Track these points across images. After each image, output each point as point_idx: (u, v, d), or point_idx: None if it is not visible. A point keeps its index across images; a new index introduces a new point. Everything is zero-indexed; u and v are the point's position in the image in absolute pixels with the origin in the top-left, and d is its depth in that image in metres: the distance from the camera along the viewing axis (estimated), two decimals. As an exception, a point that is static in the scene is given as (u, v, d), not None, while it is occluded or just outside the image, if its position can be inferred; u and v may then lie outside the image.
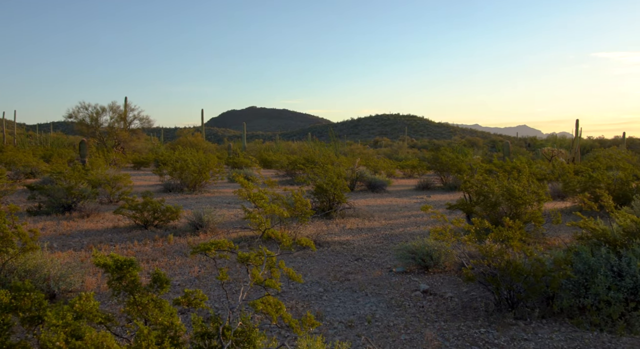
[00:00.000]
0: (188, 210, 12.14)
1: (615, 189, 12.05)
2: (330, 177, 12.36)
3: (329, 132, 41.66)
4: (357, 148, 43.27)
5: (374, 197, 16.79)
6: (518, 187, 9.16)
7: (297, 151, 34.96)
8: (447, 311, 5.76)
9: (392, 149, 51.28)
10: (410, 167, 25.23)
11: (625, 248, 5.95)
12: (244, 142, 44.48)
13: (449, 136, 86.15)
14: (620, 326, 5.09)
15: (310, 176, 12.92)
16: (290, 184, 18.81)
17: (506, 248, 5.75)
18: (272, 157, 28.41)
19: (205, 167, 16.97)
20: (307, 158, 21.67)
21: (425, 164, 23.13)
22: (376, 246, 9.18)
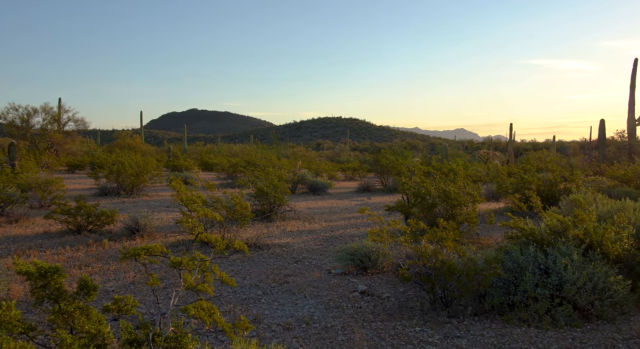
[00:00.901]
0: (125, 214, 11.83)
1: (544, 190, 12.57)
2: (271, 180, 12.33)
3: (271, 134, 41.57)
4: (299, 151, 43.36)
5: (315, 199, 16.85)
6: (453, 189, 9.42)
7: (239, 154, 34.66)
8: (383, 311, 5.85)
9: (334, 152, 51.65)
10: (352, 170, 25.48)
11: (551, 247, 6.22)
12: (185, 145, 43.77)
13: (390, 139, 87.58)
14: (546, 321, 5.32)
15: (250, 178, 12.86)
16: (232, 187, 18.63)
17: (441, 248, 5.90)
18: (213, 160, 28.07)
19: (143, 171, 16.58)
20: (248, 161, 21.54)
21: (366, 167, 23.43)
22: (316, 248, 9.22)
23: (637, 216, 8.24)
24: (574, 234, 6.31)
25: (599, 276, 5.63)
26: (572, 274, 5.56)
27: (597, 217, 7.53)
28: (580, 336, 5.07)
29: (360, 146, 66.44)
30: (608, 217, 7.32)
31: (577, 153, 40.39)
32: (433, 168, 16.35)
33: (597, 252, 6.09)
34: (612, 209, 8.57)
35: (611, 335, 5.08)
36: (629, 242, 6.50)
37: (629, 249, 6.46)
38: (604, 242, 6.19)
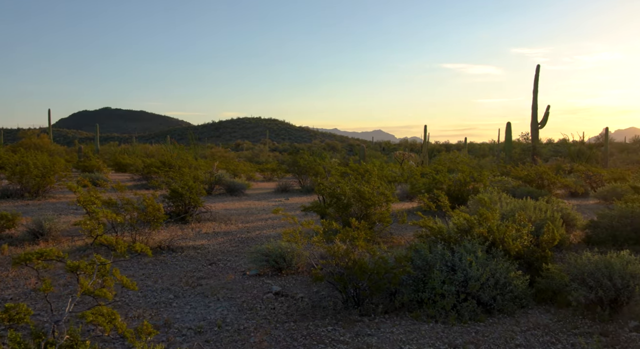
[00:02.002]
0: (28, 217, 11.18)
1: (454, 190, 13.08)
2: (186, 181, 12.07)
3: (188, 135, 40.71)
4: (218, 151, 42.75)
5: (232, 200, 16.67)
6: (368, 189, 9.60)
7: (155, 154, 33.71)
8: (297, 312, 5.87)
9: (254, 153, 51.36)
10: (270, 171, 25.43)
11: (458, 244, 6.48)
12: (97, 145, 42.03)
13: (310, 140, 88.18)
14: (452, 316, 5.52)
15: (165, 179, 12.52)
16: (146, 188, 18.06)
17: (353, 248, 5.99)
18: (127, 160, 27.09)
19: (49, 171, 15.73)
20: (163, 161, 20.98)
21: (284, 168, 23.46)
22: (231, 250, 9.12)
23: (537, 214, 8.76)
24: (479, 232, 6.60)
25: (501, 272, 5.93)
26: (477, 271, 5.81)
27: (500, 216, 7.93)
28: (482, 330, 5.30)
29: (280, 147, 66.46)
30: (511, 216, 7.72)
31: (487, 154, 42.41)
32: (350, 169, 16.62)
33: (500, 249, 6.41)
34: (514, 208, 9.05)
35: (510, 328, 5.35)
36: (529, 239, 6.89)
37: (528, 245, 6.85)
38: (505, 239, 6.53)
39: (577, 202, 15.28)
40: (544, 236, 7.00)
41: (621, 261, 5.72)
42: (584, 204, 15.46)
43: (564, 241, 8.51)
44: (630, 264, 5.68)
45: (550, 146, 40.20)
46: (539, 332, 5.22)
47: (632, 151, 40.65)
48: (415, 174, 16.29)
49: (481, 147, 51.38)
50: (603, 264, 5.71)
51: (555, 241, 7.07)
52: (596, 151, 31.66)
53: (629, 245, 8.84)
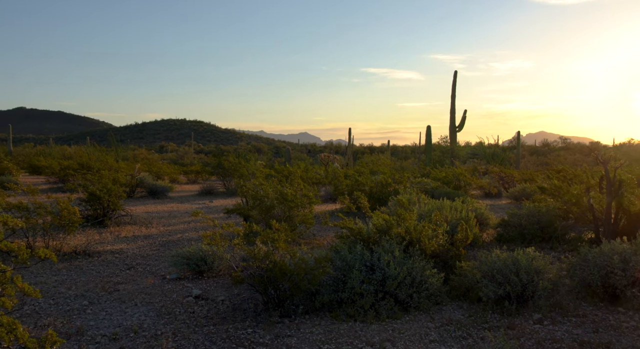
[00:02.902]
0: None
1: (376, 192, 13.37)
2: (105, 183, 11.67)
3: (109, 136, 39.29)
4: (141, 153, 41.54)
5: (154, 203, 16.26)
6: (291, 191, 9.65)
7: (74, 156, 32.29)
8: (217, 315, 5.82)
9: (178, 155, 50.22)
10: (195, 173, 24.98)
11: (377, 244, 6.64)
12: (10, 147, 39.75)
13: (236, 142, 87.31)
14: (370, 315, 5.65)
15: (82, 182, 12.04)
16: (62, 191, 17.29)
17: (273, 250, 6.01)
18: (42, 162, 25.79)
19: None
20: (82, 164, 20.15)
21: (209, 170, 23.12)
22: (151, 254, 8.91)
23: (453, 214, 9.10)
24: (397, 232, 6.79)
25: (417, 271, 6.13)
26: (394, 270, 5.98)
27: (418, 216, 8.19)
28: (399, 327, 5.46)
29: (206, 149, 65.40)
30: (428, 216, 7.99)
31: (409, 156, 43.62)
32: (275, 171, 16.62)
33: (417, 249, 6.62)
34: (432, 208, 9.37)
35: (425, 324, 5.55)
36: (444, 239, 7.16)
37: (443, 244, 7.11)
38: (422, 239, 6.75)
39: (491, 202, 16.02)
40: (458, 235, 7.30)
41: (527, 258, 6.06)
42: (497, 204, 16.22)
43: (478, 239, 8.88)
44: (535, 260, 6.03)
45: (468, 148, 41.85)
46: (452, 327, 5.44)
47: (541, 153, 43.09)
48: (339, 176, 16.50)
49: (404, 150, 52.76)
50: (511, 261, 6.03)
51: (469, 240, 7.40)
52: (509, 153, 33.30)
53: (536, 242, 9.39)
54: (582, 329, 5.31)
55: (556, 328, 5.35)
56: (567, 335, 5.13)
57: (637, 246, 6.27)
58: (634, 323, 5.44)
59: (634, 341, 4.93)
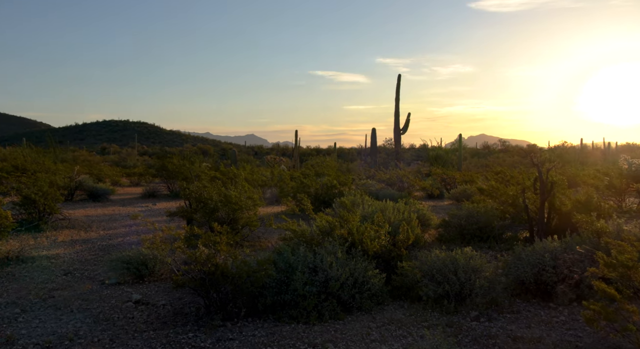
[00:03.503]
0: None
1: (322, 193, 13.45)
2: (41, 186, 11.26)
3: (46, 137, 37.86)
4: (81, 155, 40.21)
5: (95, 206, 15.80)
6: (235, 194, 9.58)
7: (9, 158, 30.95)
8: (157, 320, 5.72)
9: (121, 156, 48.90)
10: (138, 175, 24.44)
11: (320, 246, 6.68)
12: None
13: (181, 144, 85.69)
14: (313, 316, 5.68)
15: (15, 185, 11.57)
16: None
17: (215, 253, 5.95)
18: (-28, 165, 24.62)
19: None
20: (16, 166, 19.35)
21: (152, 172, 22.66)
22: (90, 258, 8.65)
23: (396, 215, 9.26)
24: (340, 234, 6.86)
25: (359, 271, 6.21)
26: (337, 271, 6.03)
27: (361, 218, 8.29)
28: (341, 328, 5.52)
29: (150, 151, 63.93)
30: (370, 217, 8.10)
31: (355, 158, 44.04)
32: (220, 173, 16.46)
33: (359, 249, 6.71)
34: (375, 209, 9.50)
35: (367, 324, 5.62)
36: (386, 239, 7.28)
37: (386, 245, 7.23)
38: (364, 240, 6.84)
39: (433, 203, 16.38)
40: (400, 236, 7.44)
41: (465, 257, 6.24)
42: (439, 205, 16.59)
43: (420, 240, 9.07)
44: (472, 259, 6.21)
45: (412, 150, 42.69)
46: (393, 327, 5.53)
47: (482, 155, 44.42)
48: (285, 178, 16.51)
49: (350, 152, 53.17)
50: (449, 261, 6.19)
51: (410, 240, 7.55)
52: (452, 155, 34.14)
53: (475, 242, 9.67)
54: (516, 325, 5.51)
55: (492, 324, 5.53)
56: (502, 331, 5.31)
57: (566, 244, 6.56)
58: (563, 317, 5.69)
59: (562, 335, 5.16)
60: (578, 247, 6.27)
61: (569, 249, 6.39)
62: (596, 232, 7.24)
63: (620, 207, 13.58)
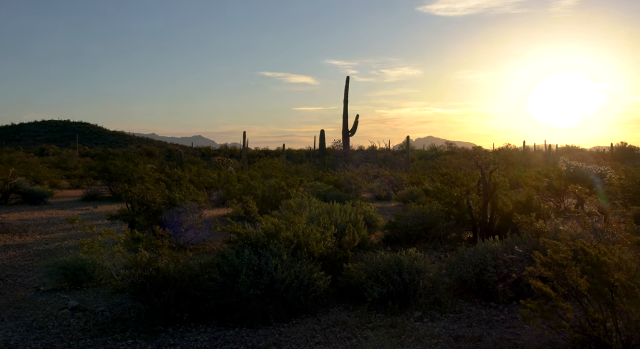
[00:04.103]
0: None
1: (269, 195, 13.35)
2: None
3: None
4: (18, 156, 38.70)
5: (31, 210, 15.17)
6: (179, 196, 9.38)
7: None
8: (95, 327, 5.51)
9: (61, 158, 47.25)
10: (78, 177, 23.65)
11: (265, 248, 6.60)
12: None
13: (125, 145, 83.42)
14: (258, 319, 5.61)
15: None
16: None
17: (157, 256, 5.79)
18: None
19: None
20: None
21: (94, 174, 21.98)
22: (24, 264, 8.28)
23: (342, 216, 9.28)
24: (285, 236, 6.80)
25: (305, 274, 6.15)
26: (282, 274, 5.96)
27: (308, 220, 8.26)
28: (286, 331, 5.46)
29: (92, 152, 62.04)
30: (317, 219, 8.08)
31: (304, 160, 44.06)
32: (165, 175, 16.12)
33: (305, 252, 6.67)
34: (322, 211, 9.49)
35: (312, 327, 5.59)
36: (332, 241, 7.26)
37: (331, 247, 7.21)
38: (310, 242, 6.81)
39: (381, 205, 16.54)
40: (346, 238, 7.44)
41: (409, 258, 6.30)
42: (386, 206, 16.77)
43: (366, 241, 9.13)
44: (416, 260, 6.28)
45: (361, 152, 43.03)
46: (338, 329, 5.51)
47: (429, 157, 45.26)
48: (232, 180, 16.31)
49: (299, 154, 53.21)
50: (394, 262, 6.24)
51: (356, 242, 7.56)
52: (400, 157, 34.63)
53: (420, 243, 9.80)
54: (458, 324, 5.59)
55: (435, 324, 5.59)
56: (444, 331, 5.38)
57: (507, 244, 6.72)
58: (503, 316, 5.82)
59: (502, 333, 5.27)
60: (517, 247, 6.44)
61: (509, 249, 6.55)
62: (535, 233, 7.45)
63: (559, 208, 14.08)
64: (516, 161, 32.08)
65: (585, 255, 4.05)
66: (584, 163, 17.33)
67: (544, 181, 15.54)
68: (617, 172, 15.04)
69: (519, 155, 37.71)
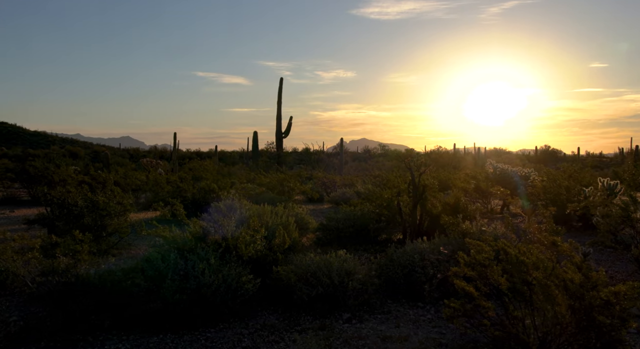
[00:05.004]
0: None
1: (199, 198, 13.08)
2: None
3: None
4: None
5: (-58, 214, 14.18)
6: (103, 199, 9.01)
7: None
8: (6, 338, 5.17)
9: (-23, 159, 44.64)
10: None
11: (192, 252, 6.42)
12: None
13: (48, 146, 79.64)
14: (184, 325, 5.45)
15: None
16: None
17: (77, 262, 5.53)
18: None
19: None
20: None
21: (11, 176, 20.84)
22: None
23: (274, 219, 9.19)
24: (213, 239, 6.65)
25: (233, 277, 6.03)
26: (209, 278, 5.82)
27: (238, 222, 8.11)
28: (213, 336, 5.33)
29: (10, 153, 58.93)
30: (247, 222, 7.95)
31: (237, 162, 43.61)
32: (89, 177, 15.49)
33: (233, 255, 6.54)
34: (253, 213, 9.36)
35: (239, 331, 5.48)
36: (262, 244, 7.16)
37: (261, 249, 7.11)
38: (238, 245, 6.68)
39: (313, 207, 16.54)
40: (276, 240, 7.36)
41: (339, 260, 6.30)
42: (319, 208, 16.79)
43: (297, 243, 9.06)
44: (346, 262, 6.28)
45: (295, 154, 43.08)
46: (266, 332, 5.43)
47: (362, 159, 45.85)
48: (160, 182, 15.87)
49: (232, 155, 52.59)
50: (323, 264, 6.22)
51: (287, 244, 7.49)
52: (334, 159, 34.89)
53: (351, 245, 9.84)
54: (386, 325, 5.63)
55: (363, 325, 5.61)
56: (372, 332, 5.40)
57: (434, 245, 6.85)
58: (430, 316, 5.91)
59: (428, 333, 5.35)
60: (442, 248, 6.57)
61: (436, 250, 6.67)
62: (461, 233, 7.64)
63: (486, 209, 14.55)
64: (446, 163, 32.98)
65: (506, 255, 4.17)
66: (510, 165, 18.01)
67: (471, 183, 16.02)
68: (540, 175, 15.68)
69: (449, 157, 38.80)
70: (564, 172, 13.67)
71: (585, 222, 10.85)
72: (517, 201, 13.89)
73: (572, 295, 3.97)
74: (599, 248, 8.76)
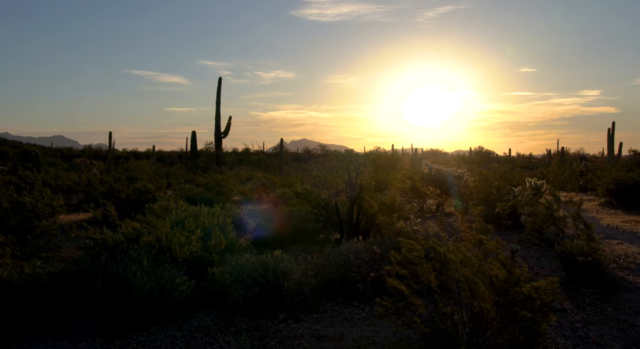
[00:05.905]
0: None
1: (134, 198, 12.76)
2: None
3: None
4: None
5: None
6: (30, 200, 8.65)
7: None
8: None
9: None
10: None
11: (124, 254, 6.26)
12: None
13: (-26, 145, 75.78)
14: (114, 330, 5.30)
15: None
16: None
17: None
18: None
19: None
20: None
21: None
22: None
23: (211, 220, 9.08)
24: (146, 241, 6.51)
25: (166, 279, 5.92)
26: (141, 280, 5.69)
27: (173, 223, 7.98)
28: (145, 340, 5.21)
29: None
30: (183, 223, 7.82)
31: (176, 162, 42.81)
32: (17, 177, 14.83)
33: (167, 256, 6.42)
34: (190, 214, 9.22)
35: (173, 333, 5.38)
36: (198, 245, 7.07)
37: (197, 251, 7.02)
38: (172, 246, 6.57)
39: (252, 207, 16.44)
40: (212, 241, 7.29)
41: (275, 260, 6.29)
42: (258, 208, 16.69)
43: (234, 244, 8.98)
44: (282, 262, 6.28)
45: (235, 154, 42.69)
46: (200, 334, 5.36)
47: (303, 160, 46.01)
48: (94, 183, 15.36)
49: (170, 155, 51.61)
50: (259, 264, 6.20)
51: (223, 245, 7.43)
52: (274, 159, 34.81)
53: (289, 245, 9.85)
54: (321, 324, 5.67)
55: (298, 325, 5.63)
56: (307, 331, 5.43)
57: (369, 244, 6.95)
58: (364, 314, 6.00)
59: (362, 331, 5.43)
60: (375, 247, 6.68)
61: (371, 249, 6.77)
62: (396, 233, 7.80)
63: (422, 209, 14.88)
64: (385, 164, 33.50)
65: (436, 253, 4.28)
66: (445, 166, 18.49)
67: (408, 183, 16.35)
68: (473, 175, 16.17)
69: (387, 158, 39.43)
70: (495, 172, 14.15)
71: (514, 220, 11.27)
72: (451, 200, 14.28)
73: (497, 291, 4.13)
74: (526, 245, 9.12)
